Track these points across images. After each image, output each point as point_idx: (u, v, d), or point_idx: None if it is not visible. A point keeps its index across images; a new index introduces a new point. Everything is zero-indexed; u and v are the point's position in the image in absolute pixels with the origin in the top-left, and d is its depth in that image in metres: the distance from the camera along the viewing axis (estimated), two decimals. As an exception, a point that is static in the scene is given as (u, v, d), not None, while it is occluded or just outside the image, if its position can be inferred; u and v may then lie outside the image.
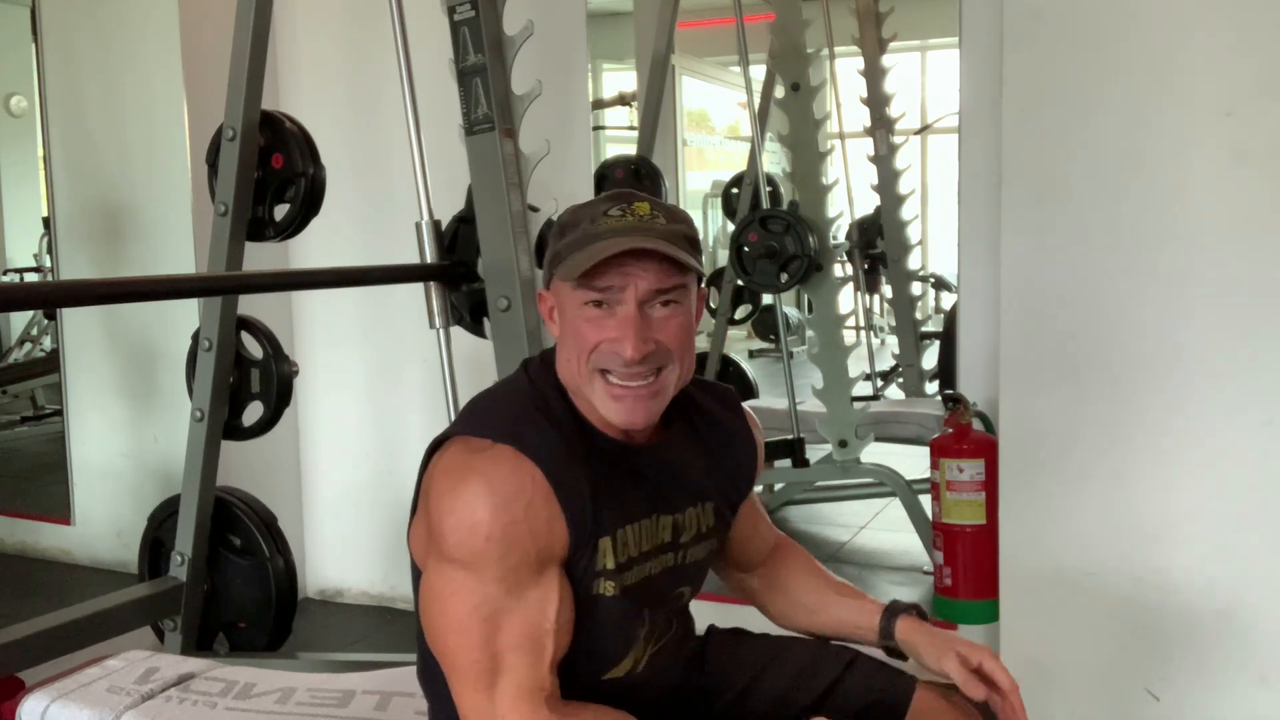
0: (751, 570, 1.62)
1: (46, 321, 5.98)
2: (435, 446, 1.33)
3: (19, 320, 6.27)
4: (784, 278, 3.54)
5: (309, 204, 2.70)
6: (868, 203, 4.83)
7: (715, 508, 1.45)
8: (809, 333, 3.66)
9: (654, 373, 1.27)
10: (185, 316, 3.22)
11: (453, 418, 2.49)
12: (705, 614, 1.56)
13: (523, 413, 1.30)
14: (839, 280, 3.71)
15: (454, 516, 1.23)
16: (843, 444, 3.55)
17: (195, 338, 2.74)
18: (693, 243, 1.29)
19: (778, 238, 3.53)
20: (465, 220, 2.57)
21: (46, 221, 4.33)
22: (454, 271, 2.55)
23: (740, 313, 4.87)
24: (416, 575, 1.33)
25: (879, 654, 1.55)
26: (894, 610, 1.50)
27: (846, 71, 4.80)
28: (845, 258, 4.84)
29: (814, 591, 1.58)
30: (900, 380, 4.68)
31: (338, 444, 3.77)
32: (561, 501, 1.24)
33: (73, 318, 4.16)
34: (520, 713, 1.21)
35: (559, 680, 1.28)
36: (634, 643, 1.36)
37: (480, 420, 1.31)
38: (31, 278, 5.97)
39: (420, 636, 1.34)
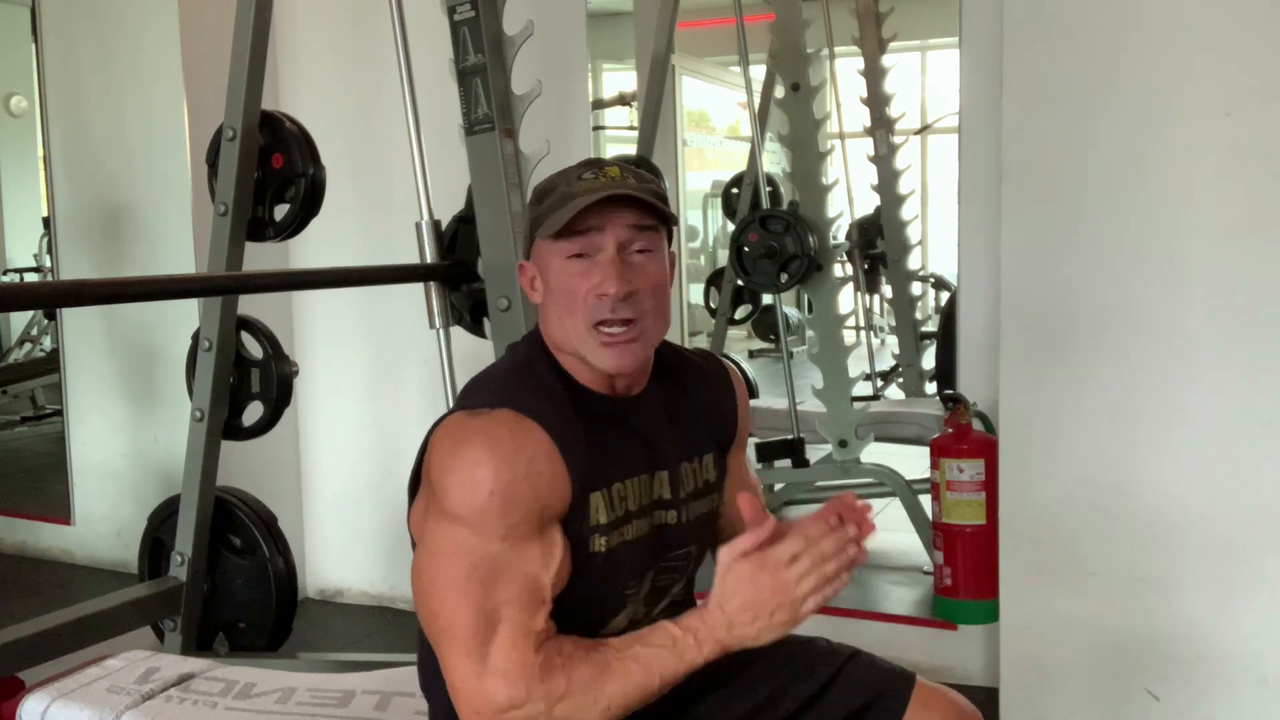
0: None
1: (46, 321, 5.99)
2: (432, 431, 1.34)
3: (19, 320, 6.28)
4: (784, 278, 3.54)
5: (309, 204, 2.70)
6: (868, 203, 4.83)
7: (714, 458, 1.47)
8: (809, 333, 3.65)
9: (633, 321, 1.31)
10: (185, 316, 3.22)
11: (453, 418, 2.50)
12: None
13: (515, 380, 1.34)
14: (839, 280, 3.70)
15: (457, 475, 1.24)
16: (843, 444, 3.55)
17: (195, 338, 2.74)
18: (662, 198, 1.34)
19: (778, 238, 3.52)
20: (465, 220, 2.57)
21: (46, 221, 4.33)
22: (454, 271, 2.55)
23: (740, 313, 4.87)
24: None
25: (880, 652, 1.55)
26: None
27: (846, 71, 4.80)
28: (845, 258, 4.84)
29: None
30: (900, 380, 4.68)
31: (338, 444, 3.77)
32: (564, 455, 1.27)
33: (73, 318, 4.16)
34: (511, 660, 1.22)
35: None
36: (628, 599, 1.37)
37: (474, 393, 1.34)
38: (31, 278, 5.97)
39: (422, 634, 1.33)
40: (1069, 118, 2.43)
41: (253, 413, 2.78)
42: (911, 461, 3.64)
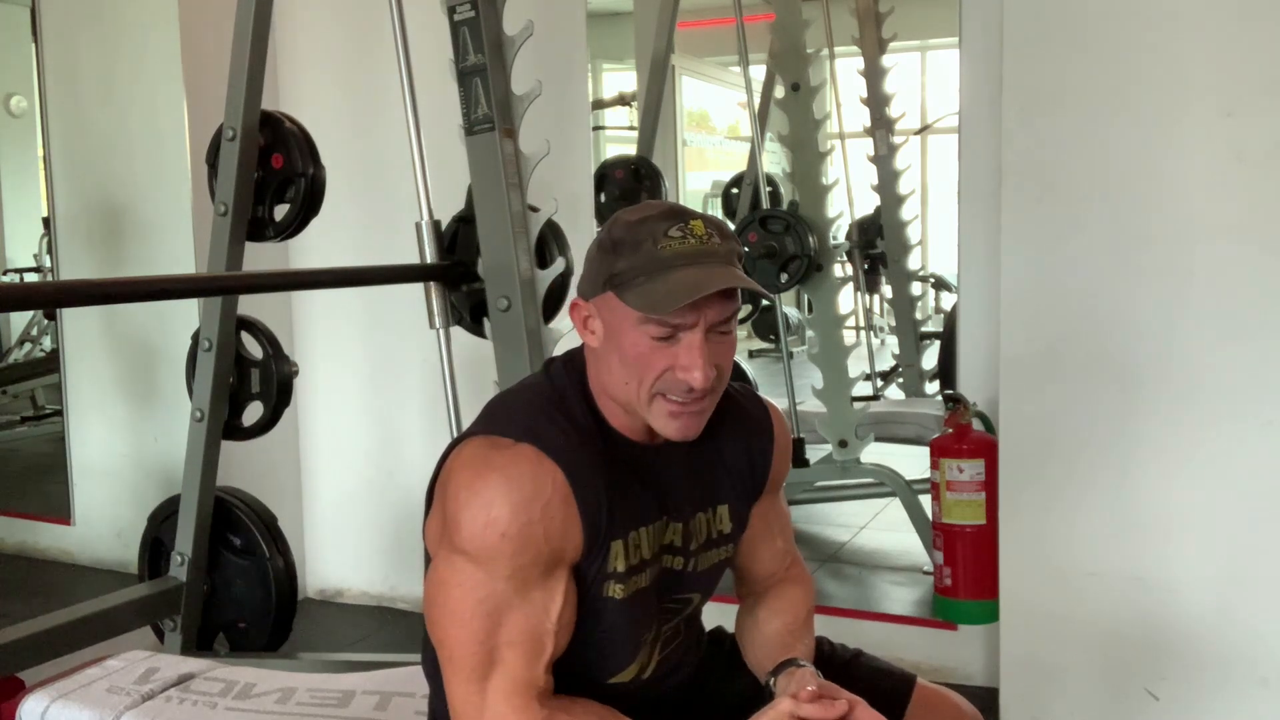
0: (749, 590, 1.56)
1: (46, 321, 5.98)
2: (454, 447, 1.33)
3: (19, 320, 6.27)
4: (784, 278, 3.54)
5: (309, 204, 2.70)
6: (868, 203, 4.82)
7: (732, 509, 1.43)
8: (809, 333, 3.66)
9: (707, 394, 1.27)
10: (185, 316, 3.22)
11: (453, 418, 2.50)
12: (710, 615, 1.55)
13: (543, 413, 1.30)
14: (839, 280, 3.71)
15: (471, 510, 1.23)
16: (843, 444, 3.55)
17: (195, 338, 2.74)
18: (741, 259, 1.29)
19: (778, 238, 3.53)
20: (465, 220, 2.57)
21: (46, 221, 4.33)
22: (454, 271, 2.55)
23: (740, 313, 4.86)
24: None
25: (880, 652, 1.55)
26: (781, 667, 1.44)
27: (846, 71, 4.80)
28: (845, 258, 4.84)
29: (764, 645, 1.51)
30: (900, 380, 4.68)
31: (338, 444, 3.77)
32: (579, 504, 1.25)
33: (73, 318, 4.16)
34: (511, 706, 1.22)
35: (566, 684, 1.28)
36: (641, 646, 1.36)
37: (501, 419, 1.31)
38: (31, 278, 5.96)
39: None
40: (1069, 118, 2.43)
41: (253, 413, 2.78)
42: (911, 461, 3.64)
